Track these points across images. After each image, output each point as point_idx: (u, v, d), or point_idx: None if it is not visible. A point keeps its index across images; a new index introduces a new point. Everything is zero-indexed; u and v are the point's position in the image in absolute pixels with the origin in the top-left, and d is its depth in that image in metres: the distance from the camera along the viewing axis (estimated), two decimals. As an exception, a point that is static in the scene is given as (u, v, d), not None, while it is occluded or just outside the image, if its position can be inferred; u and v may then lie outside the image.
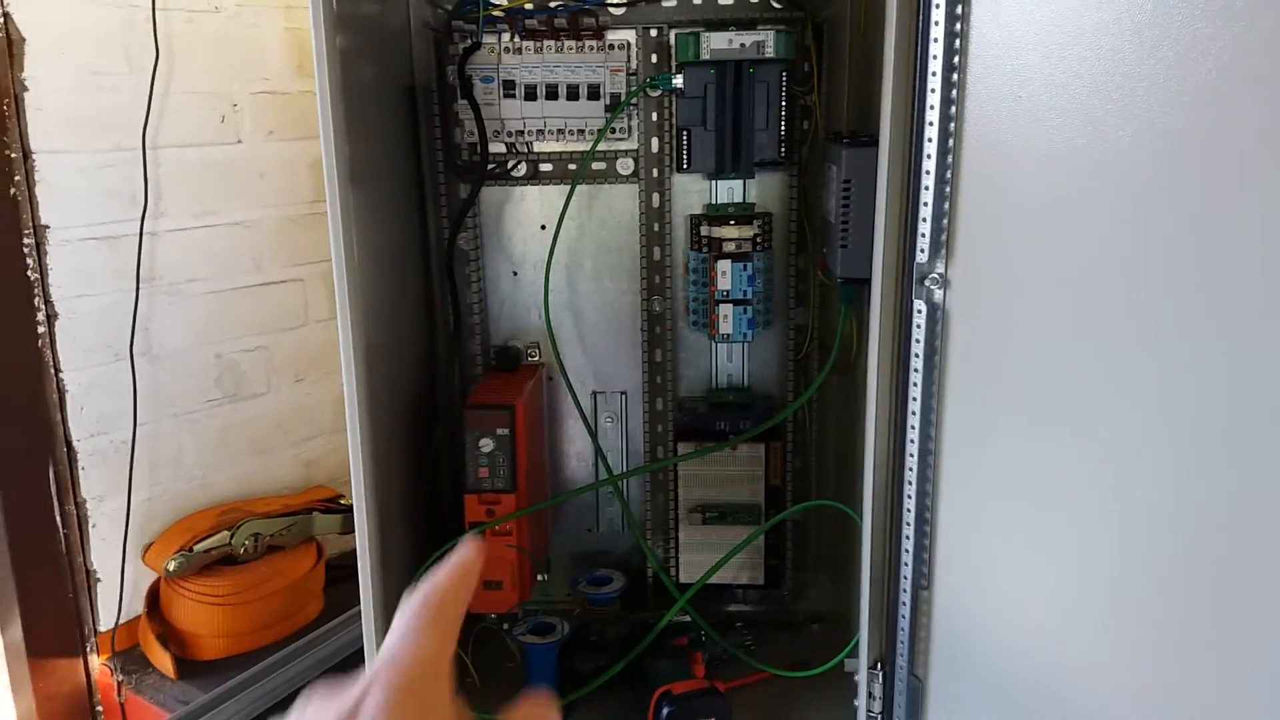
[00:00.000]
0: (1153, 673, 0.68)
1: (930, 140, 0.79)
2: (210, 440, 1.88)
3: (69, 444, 1.66)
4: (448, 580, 0.40)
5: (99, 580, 1.72)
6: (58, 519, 1.65)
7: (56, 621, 1.66)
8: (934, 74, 0.78)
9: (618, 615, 1.23)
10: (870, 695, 0.94)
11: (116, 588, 1.73)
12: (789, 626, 1.27)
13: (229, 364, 1.89)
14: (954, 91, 0.77)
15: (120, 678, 1.69)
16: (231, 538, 1.72)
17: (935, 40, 0.77)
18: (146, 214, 1.70)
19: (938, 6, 0.76)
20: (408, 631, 0.38)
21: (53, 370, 1.62)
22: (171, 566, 1.65)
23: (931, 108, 0.78)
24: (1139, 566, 0.68)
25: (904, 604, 0.89)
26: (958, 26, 0.76)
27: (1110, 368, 0.68)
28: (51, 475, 1.63)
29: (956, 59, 0.77)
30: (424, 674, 0.37)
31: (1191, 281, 0.62)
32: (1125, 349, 0.67)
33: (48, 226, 1.59)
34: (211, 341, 1.86)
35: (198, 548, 1.69)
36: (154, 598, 1.76)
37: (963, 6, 0.76)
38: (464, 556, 0.41)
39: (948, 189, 0.79)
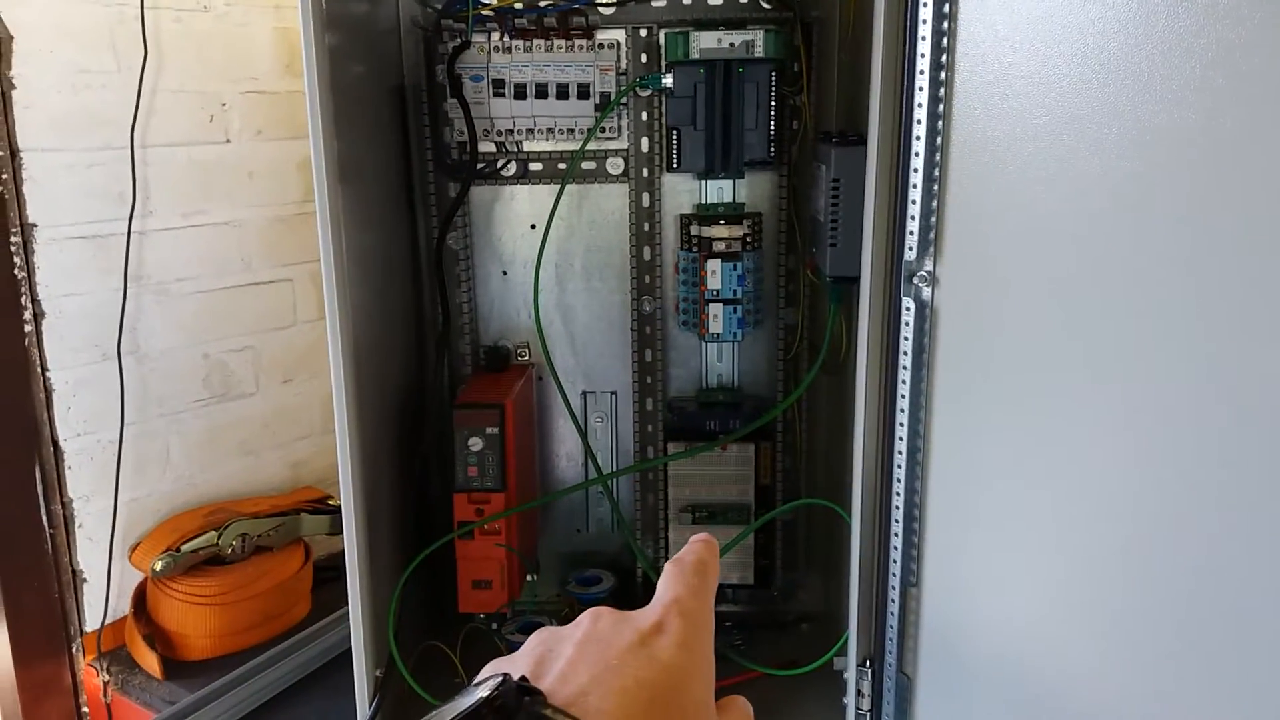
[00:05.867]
0: (1138, 666, 0.68)
1: (918, 139, 0.79)
2: (198, 440, 1.87)
3: (55, 443, 1.65)
4: (703, 552, 0.40)
5: (85, 580, 1.71)
6: (44, 519, 1.64)
7: (42, 622, 1.65)
8: (922, 72, 0.78)
9: (607, 615, 1.22)
10: (859, 693, 0.94)
11: (103, 588, 1.72)
12: (779, 626, 1.27)
13: (217, 364, 1.88)
14: (941, 90, 0.77)
15: (106, 678, 1.68)
16: (219, 538, 1.71)
17: (923, 39, 0.77)
18: (134, 213, 1.69)
19: (925, 5, 0.77)
20: (688, 577, 0.38)
21: (39, 369, 1.61)
22: (158, 566, 1.64)
23: (919, 106, 0.79)
24: (1125, 562, 0.69)
25: (893, 601, 0.89)
26: (945, 25, 0.76)
27: (1097, 365, 0.69)
28: (38, 475, 1.62)
29: (944, 57, 0.77)
30: (705, 611, 0.37)
31: (1178, 279, 0.63)
32: (1112, 346, 0.67)
33: (35, 225, 1.59)
34: (199, 341, 1.85)
35: (185, 548, 1.68)
36: (140, 598, 1.75)
37: (950, 5, 0.76)
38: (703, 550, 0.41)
39: (935, 187, 0.79)
